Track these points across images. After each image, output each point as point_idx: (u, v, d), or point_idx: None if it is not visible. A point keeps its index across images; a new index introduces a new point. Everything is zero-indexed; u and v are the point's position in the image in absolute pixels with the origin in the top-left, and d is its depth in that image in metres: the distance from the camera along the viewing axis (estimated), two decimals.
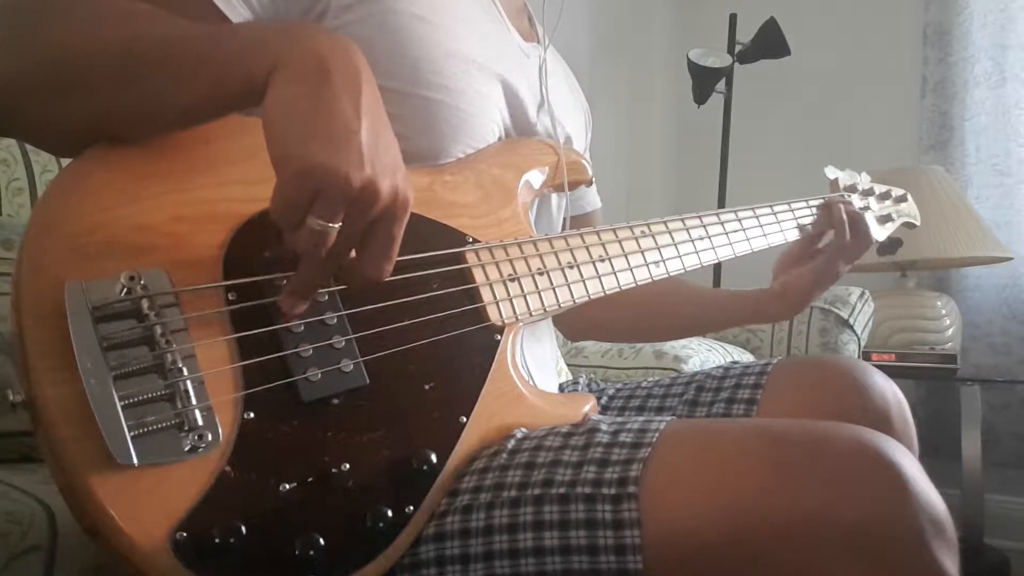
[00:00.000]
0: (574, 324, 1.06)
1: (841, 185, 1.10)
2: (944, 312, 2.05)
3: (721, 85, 2.42)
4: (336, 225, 0.49)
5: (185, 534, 0.47)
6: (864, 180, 1.13)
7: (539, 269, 0.71)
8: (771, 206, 0.96)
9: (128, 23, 0.54)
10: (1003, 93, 2.23)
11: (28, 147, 1.15)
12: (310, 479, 0.53)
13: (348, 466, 0.54)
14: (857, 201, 1.09)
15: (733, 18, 2.44)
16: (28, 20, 0.55)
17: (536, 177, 0.79)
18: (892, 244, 1.15)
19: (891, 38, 2.47)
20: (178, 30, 0.54)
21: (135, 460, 0.47)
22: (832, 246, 0.94)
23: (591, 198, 1.01)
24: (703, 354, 1.54)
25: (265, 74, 0.50)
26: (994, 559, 1.94)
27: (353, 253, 0.53)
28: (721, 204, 2.44)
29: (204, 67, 0.52)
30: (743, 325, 1.06)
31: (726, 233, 0.89)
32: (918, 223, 1.19)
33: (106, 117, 0.54)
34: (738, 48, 2.41)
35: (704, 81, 2.35)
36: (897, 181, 1.86)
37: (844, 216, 0.94)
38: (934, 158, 2.29)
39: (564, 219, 0.90)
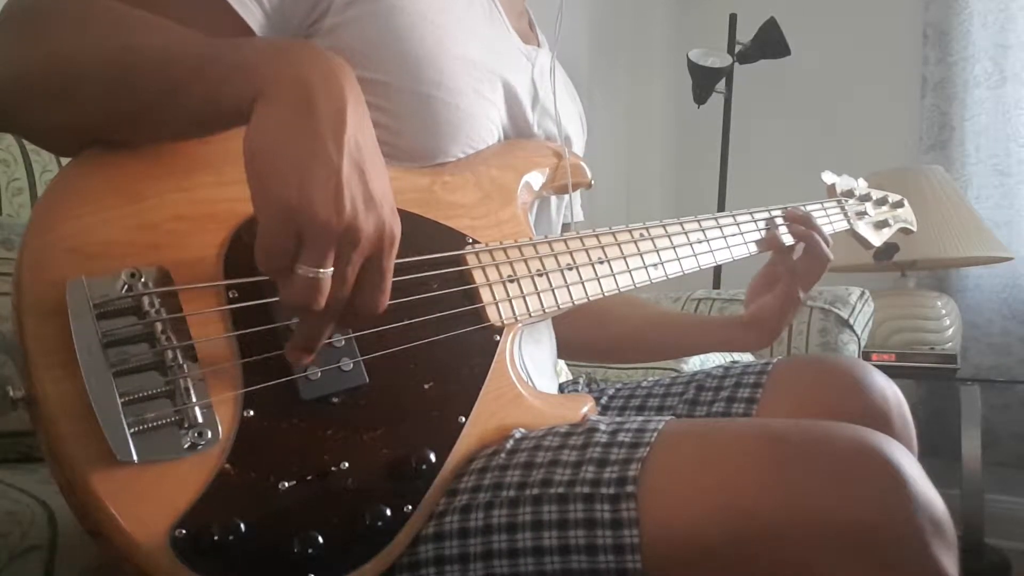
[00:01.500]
0: None
1: (838, 190, 1.09)
2: (944, 312, 2.05)
3: (721, 85, 2.42)
4: (328, 270, 0.48)
5: (184, 531, 0.48)
6: (861, 185, 1.13)
7: (538, 271, 0.71)
8: (769, 210, 0.95)
9: (122, 32, 0.54)
10: (1003, 93, 2.23)
11: (28, 147, 1.16)
12: (309, 477, 0.53)
13: (347, 465, 0.54)
14: (854, 206, 1.09)
15: (733, 18, 2.44)
16: (29, 26, 0.55)
17: (536, 179, 0.79)
18: (888, 249, 1.14)
19: (891, 38, 2.47)
20: (172, 42, 0.53)
21: (135, 457, 0.47)
22: (785, 270, 0.91)
23: (577, 209, 1.00)
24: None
25: (251, 100, 0.49)
26: (994, 559, 1.94)
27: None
28: (721, 204, 2.44)
29: (195, 85, 0.51)
30: (712, 352, 1.04)
31: (724, 237, 0.89)
32: (915, 229, 1.19)
33: (103, 124, 0.54)
34: (738, 48, 2.41)
35: (704, 81, 2.35)
36: (897, 181, 1.88)
37: (784, 237, 0.91)
38: (934, 158, 2.29)
39: (564, 222, 0.89)
